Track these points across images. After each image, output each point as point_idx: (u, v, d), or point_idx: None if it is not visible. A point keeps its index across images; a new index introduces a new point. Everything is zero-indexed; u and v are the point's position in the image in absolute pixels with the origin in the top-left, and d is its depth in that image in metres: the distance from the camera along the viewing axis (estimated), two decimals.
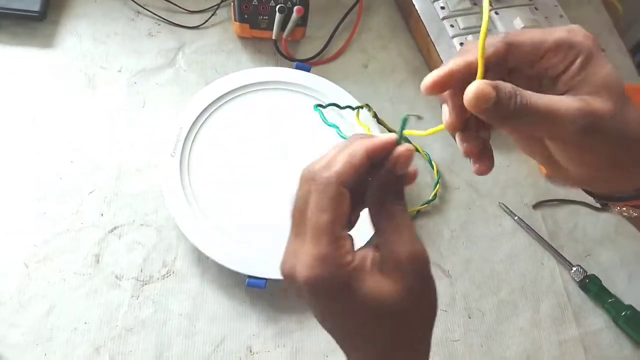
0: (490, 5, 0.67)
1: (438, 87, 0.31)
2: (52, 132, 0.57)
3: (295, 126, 0.59)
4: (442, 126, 0.33)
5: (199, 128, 0.57)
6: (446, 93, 0.32)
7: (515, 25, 0.65)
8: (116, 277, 0.51)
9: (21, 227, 0.52)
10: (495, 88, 0.28)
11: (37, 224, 0.53)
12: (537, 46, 0.31)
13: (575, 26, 0.31)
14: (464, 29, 0.65)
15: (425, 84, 0.31)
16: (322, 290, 0.27)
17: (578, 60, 0.30)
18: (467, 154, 0.33)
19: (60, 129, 0.58)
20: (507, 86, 0.29)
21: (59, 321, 0.49)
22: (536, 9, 0.69)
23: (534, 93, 0.29)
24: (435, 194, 0.60)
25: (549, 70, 0.31)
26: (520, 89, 0.29)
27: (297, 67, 0.62)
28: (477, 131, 0.33)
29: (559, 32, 0.31)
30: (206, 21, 0.67)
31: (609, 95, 0.30)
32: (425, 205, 0.59)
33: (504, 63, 0.31)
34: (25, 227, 0.52)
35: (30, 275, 0.51)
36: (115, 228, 0.54)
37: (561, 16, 0.70)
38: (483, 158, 0.33)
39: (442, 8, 0.66)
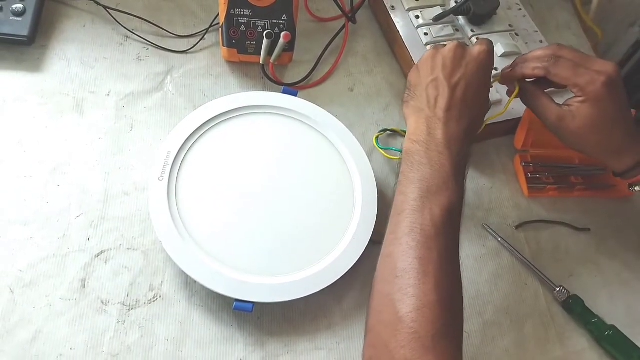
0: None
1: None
2: (39, 156, 0.57)
3: (283, 150, 0.60)
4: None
5: (187, 152, 0.57)
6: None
7: (496, 51, 0.67)
8: (102, 302, 0.51)
9: (7, 252, 0.52)
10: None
11: (23, 248, 0.52)
12: (565, 80, 0.52)
13: (598, 77, 0.51)
14: None
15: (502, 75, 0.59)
16: (488, 58, 0.53)
17: (580, 98, 0.52)
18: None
19: (47, 153, 0.58)
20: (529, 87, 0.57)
21: (45, 347, 0.49)
22: (517, 34, 0.71)
23: (542, 95, 0.55)
24: None
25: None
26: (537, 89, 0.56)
27: (284, 92, 0.63)
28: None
29: (583, 78, 0.51)
30: (194, 46, 0.68)
31: (581, 119, 0.52)
32: None
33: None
34: (10, 252, 0.52)
35: (16, 301, 0.50)
36: (101, 252, 0.54)
37: (541, 41, 0.72)
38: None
39: (426, 34, 0.68)
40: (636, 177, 0.54)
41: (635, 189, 0.55)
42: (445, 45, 0.54)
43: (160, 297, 0.52)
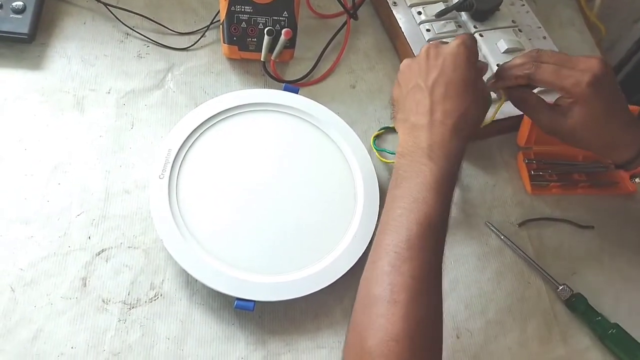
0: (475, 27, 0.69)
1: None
2: (40, 154, 0.57)
3: (284, 148, 0.59)
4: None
5: (188, 149, 0.57)
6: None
7: (499, 47, 0.67)
8: (103, 300, 0.51)
9: (7, 251, 0.52)
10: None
11: (23, 247, 0.52)
12: (549, 84, 0.52)
13: (582, 77, 0.50)
14: None
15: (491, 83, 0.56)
16: (467, 51, 0.49)
17: (569, 100, 0.52)
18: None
19: (48, 151, 0.58)
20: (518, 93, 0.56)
21: (46, 346, 0.49)
22: (520, 30, 0.70)
23: (531, 98, 0.55)
24: None
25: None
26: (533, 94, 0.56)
27: (286, 89, 0.63)
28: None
29: (567, 81, 0.50)
30: (195, 43, 0.67)
31: (572, 120, 0.52)
32: None
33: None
34: (11, 251, 0.52)
35: (17, 300, 0.50)
36: (102, 251, 0.53)
37: (544, 38, 0.72)
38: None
39: (428, 31, 0.68)
40: (637, 169, 0.53)
41: (636, 180, 0.54)
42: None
43: (161, 295, 0.52)
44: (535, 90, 0.56)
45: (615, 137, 0.52)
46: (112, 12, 0.66)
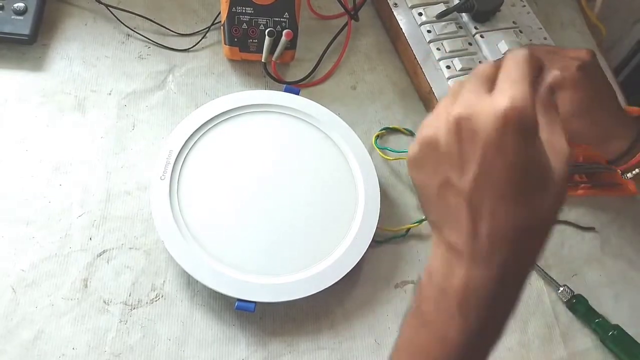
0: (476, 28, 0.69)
1: None
2: (41, 155, 0.57)
3: (285, 149, 0.59)
4: None
5: (189, 151, 0.57)
6: None
7: (500, 48, 0.67)
8: (104, 301, 0.51)
9: (9, 252, 0.52)
10: None
11: (24, 248, 0.52)
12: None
13: (572, 62, 0.49)
14: (450, 52, 0.66)
15: None
16: (517, 124, 0.28)
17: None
18: None
19: (49, 152, 0.58)
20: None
21: (47, 347, 0.49)
22: (520, 32, 0.70)
23: None
24: None
25: None
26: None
27: (286, 90, 0.63)
28: None
29: (556, 65, 0.49)
30: (196, 44, 0.67)
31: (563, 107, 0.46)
32: (416, 224, 0.59)
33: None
34: (12, 252, 0.52)
35: (18, 300, 0.50)
36: (104, 252, 0.53)
37: (545, 39, 0.72)
38: None
39: (429, 32, 0.68)
40: (629, 163, 0.54)
41: (628, 175, 0.54)
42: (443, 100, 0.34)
43: (162, 296, 0.52)
44: None
45: (606, 127, 0.52)
46: (113, 14, 0.66)
